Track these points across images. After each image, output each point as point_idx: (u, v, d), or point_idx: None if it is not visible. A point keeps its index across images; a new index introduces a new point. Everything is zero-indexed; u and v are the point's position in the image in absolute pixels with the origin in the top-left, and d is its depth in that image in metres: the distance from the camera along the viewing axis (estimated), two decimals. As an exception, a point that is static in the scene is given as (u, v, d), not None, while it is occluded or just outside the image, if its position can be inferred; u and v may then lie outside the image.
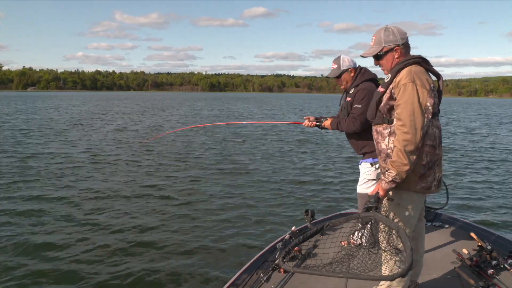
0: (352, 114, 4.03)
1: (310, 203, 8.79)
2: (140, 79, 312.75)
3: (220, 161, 13.62)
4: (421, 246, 3.29)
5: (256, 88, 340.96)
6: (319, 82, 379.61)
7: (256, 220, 7.59)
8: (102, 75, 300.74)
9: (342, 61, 4.14)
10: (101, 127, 24.46)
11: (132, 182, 10.44)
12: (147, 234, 6.87)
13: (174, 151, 15.50)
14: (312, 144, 18.38)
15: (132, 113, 38.78)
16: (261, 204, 8.64)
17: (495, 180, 11.41)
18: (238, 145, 17.70)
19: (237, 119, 33.79)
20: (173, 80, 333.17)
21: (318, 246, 4.25)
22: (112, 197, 8.96)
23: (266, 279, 3.51)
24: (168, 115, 37.15)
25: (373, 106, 3.03)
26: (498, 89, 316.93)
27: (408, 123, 2.73)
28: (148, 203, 8.62)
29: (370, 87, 3.92)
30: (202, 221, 7.50)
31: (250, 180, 10.84)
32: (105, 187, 9.75)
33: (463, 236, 4.48)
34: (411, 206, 2.93)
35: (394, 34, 2.95)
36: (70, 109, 45.29)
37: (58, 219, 7.42)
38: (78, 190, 9.43)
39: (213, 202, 8.76)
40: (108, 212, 7.91)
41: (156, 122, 29.52)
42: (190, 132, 21.86)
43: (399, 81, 2.81)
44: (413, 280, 3.28)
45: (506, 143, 20.28)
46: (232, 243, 6.52)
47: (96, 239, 6.53)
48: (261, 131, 23.21)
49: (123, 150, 15.55)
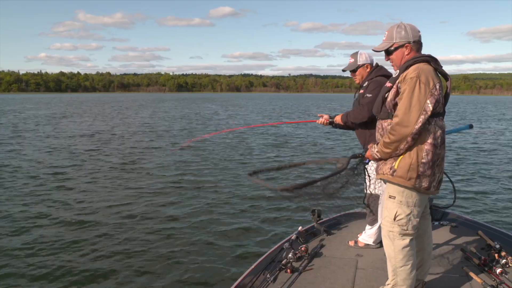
0: (361, 103, 4.04)
1: (317, 203, 8.74)
2: (106, 80, 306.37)
3: (222, 162, 13.57)
4: (428, 245, 3.28)
5: (224, 88, 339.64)
6: (287, 81, 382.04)
7: (263, 221, 7.64)
8: (67, 76, 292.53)
9: (359, 56, 4.15)
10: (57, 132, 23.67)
11: (132, 182, 10.38)
12: (152, 233, 6.93)
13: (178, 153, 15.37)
14: (316, 143, 18.44)
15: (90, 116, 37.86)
16: (267, 204, 8.64)
17: (502, 178, 11.47)
18: (241, 146, 17.57)
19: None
20: (140, 81, 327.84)
21: (325, 246, 4.26)
22: (116, 199, 8.88)
23: (273, 279, 3.48)
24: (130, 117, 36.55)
25: (379, 100, 3.07)
26: (460, 86, 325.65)
27: (402, 115, 2.79)
28: (153, 201, 8.76)
29: (383, 81, 3.90)
30: (209, 222, 7.57)
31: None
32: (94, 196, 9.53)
33: (471, 235, 4.46)
34: (412, 204, 2.95)
35: (407, 31, 2.98)
36: (20, 112, 43.01)
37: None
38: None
39: (218, 203, 8.77)
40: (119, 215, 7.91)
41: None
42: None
43: (406, 75, 2.84)
44: (421, 279, 3.28)
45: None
46: (239, 243, 6.57)
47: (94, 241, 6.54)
48: (261, 133, 23.12)
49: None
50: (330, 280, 3.54)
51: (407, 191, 2.92)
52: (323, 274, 3.66)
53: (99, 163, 13.34)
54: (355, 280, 3.54)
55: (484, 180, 11.20)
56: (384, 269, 3.46)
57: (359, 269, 3.75)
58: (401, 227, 2.97)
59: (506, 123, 32.37)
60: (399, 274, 3.05)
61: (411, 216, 2.97)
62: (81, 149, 16.14)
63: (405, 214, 2.96)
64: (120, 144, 17.77)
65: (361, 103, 4.03)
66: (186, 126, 27.44)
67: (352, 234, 4.54)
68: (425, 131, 2.83)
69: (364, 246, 4.22)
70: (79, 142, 18.36)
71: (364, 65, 4.14)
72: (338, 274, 3.65)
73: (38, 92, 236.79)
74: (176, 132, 23.46)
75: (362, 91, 4.10)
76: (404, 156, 2.88)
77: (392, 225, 3.01)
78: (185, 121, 31.64)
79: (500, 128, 27.95)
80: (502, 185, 10.64)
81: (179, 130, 24.25)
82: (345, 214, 5.01)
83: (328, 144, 18.56)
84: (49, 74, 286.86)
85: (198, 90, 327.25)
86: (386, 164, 2.98)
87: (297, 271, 3.65)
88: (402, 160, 2.88)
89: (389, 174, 2.95)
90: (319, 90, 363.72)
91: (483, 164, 13.77)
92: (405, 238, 2.99)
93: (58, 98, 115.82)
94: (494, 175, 11.95)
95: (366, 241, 4.22)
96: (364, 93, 4.03)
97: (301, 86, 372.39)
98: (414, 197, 2.94)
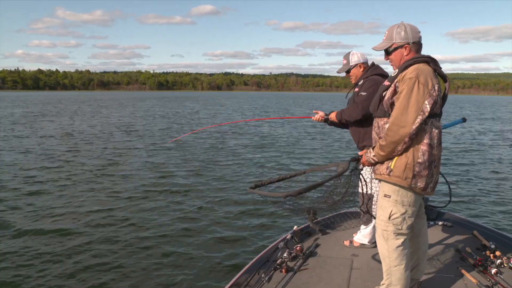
0: (355, 101, 4.03)
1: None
2: (86, 78, 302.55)
3: (216, 160, 13.53)
4: (423, 244, 3.27)
5: (205, 86, 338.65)
6: (268, 80, 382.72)
7: (258, 220, 7.63)
8: (45, 74, 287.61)
9: (351, 56, 4.14)
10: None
11: (131, 181, 10.31)
12: (148, 233, 6.87)
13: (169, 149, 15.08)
14: (312, 141, 18.43)
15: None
16: (262, 203, 8.52)
17: (498, 178, 11.56)
18: (234, 143, 17.57)
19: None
20: (120, 79, 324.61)
21: (320, 246, 4.26)
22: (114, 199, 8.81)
23: (268, 279, 3.47)
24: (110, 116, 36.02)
25: (377, 98, 3.07)
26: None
27: (400, 115, 2.79)
28: (147, 200, 8.73)
29: (379, 79, 3.90)
30: (204, 221, 7.54)
31: (251, 179, 10.83)
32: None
33: (466, 235, 4.47)
34: (407, 204, 2.95)
35: (406, 32, 2.97)
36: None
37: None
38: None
39: (213, 202, 8.75)
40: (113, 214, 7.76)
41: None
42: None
43: (404, 75, 2.84)
44: (416, 279, 3.28)
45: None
46: (234, 243, 6.57)
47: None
48: (260, 129, 22.89)
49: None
50: (325, 280, 3.53)
51: (402, 190, 2.93)
52: (318, 274, 3.65)
53: (74, 165, 12.72)
54: (350, 280, 3.54)
55: (479, 180, 11.22)
56: (379, 269, 3.45)
57: (354, 269, 3.74)
58: (396, 226, 2.97)
59: (491, 122, 32.77)
60: (393, 273, 3.05)
61: (406, 215, 2.97)
62: (57, 150, 15.52)
63: (400, 213, 2.96)
64: (96, 146, 17.07)
65: (355, 101, 4.02)
66: (167, 125, 27.13)
67: (347, 233, 4.54)
68: (421, 131, 2.83)
69: (359, 246, 4.22)
70: (55, 143, 17.72)
71: (357, 65, 4.14)
72: (333, 274, 3.65)
73: (15, 90, 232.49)
74: (157, 131, 23.11)
75: (357, 89, 4.09)
76: (400, 156, 2.88)
77: (386, 224, 3.01)
78: (166, 120, 31.31)
79: (485, 127, 28.31)
80: (498, 185, 10.68)
81: (159, 130, 23.83)
82: (340, 214, 5.00)
83: (311, 143, 18.59)
84: (27, 72, 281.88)
85: (179, 89, 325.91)
86: (383, 164, 2.98)
87: (292, 271, 3.64)
88: (398, 160, 2.88)
89: (386, 174, 2.95)
90: (300, 89, 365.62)
91: (479, 163, 13.82)
92: (399, 238, 2.99)
93: (36, 96, 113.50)
94: (489, 175, 12.00)
95: (361, 241, 4.23)
96: (359, 91, 4.02)
97: (282, 85, 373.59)
98: (410, 197, 2.94)
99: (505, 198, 9.45)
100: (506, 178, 11.62)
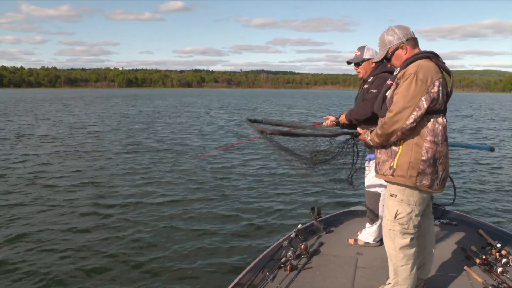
0: (365, 98, 3.99)
1: (316, 200, 8.76)
2: (52, 76, 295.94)
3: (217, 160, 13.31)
4: (430, 244, 3.25)
5: (175, 83, 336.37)
6: (238, 77, 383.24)
7: (262, 218, 7.58)
8: (9, 71, 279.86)
9: (366, 50, 4.11)
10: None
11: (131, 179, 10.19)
12: (150, 233, 6.82)
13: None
14: None
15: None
16: (266, 202, 8.58)
17: (503, 175, 11.57)
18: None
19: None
20: (88, 76, 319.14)
21: (325, 244, 4.22)
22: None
23: (272, 277, 3.43)
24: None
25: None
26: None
27: (395, 110, 2.79)
28: (150, 202, 8.56)
29: (388, 77, 3.84)
30: (207, 220, 7.50)
31: (255, 179, 10.75)
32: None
33: (471, 233, 4.45)
34: (413, 203, 2.93)
35: (396, 33, 3.00)
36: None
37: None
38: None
39: (217, 201, 8.66)
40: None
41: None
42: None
43: (405, 72, 2.84)
44: (422, 278, 3.26)
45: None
46: (238, 241, 6.54)
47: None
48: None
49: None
50: (329, 279, 3.50)
51: (408, 189, 2.91)
52: (323, 272, 3.61)
53: (37, 168, 11.79)
54: (355, 279, 3.51)
55: (484, 178, 11.21)
56: (384, 268, 3.46)
57: (358, 268, 3.72)
58: (402, 225, 2.96)
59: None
60: (400, 273, 3.03)
61: (412, 214, 2.95)
62: (17, 154, 14.12)
63: (406, 213, 2.94)
64: (59, 145, 16.13)
65: (365, 98, 3.98)
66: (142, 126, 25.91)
67: (352, 232, 4.51)
68: (423, 128, 2.81)
69: (364, 245, 4.18)
70: (15, 144, 16.32)
71: (370, 60, 4.09)
72: (337, 272, 3.62)
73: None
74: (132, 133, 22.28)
75: (366, 86, 4.05)
76: (401, 154, 2.86)
77: (392, 224, 2.99)
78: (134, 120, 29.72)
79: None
80: (503, 184, 10.64)
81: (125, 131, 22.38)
82: (344, 212, 4.98)
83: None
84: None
85: (148, 86, 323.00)
86: (385, 164, 2.96)
87: (296, 269, 3.60)
88: (400, 159, 2.86)
89: (390, 174, 2.93)
90: (270, 86, 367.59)
91: (484, 163, 13.62)
92: (406, 237, 2.97)
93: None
94: (495, 173, 11.99)
95: (366, 239, 4.19)
96: (369, 88, 3.97)
97: (253, 82, 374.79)
98: (415, 196, 2.92)
99: (510, 196, 9.45)
100: (511, 175, 11.63)
